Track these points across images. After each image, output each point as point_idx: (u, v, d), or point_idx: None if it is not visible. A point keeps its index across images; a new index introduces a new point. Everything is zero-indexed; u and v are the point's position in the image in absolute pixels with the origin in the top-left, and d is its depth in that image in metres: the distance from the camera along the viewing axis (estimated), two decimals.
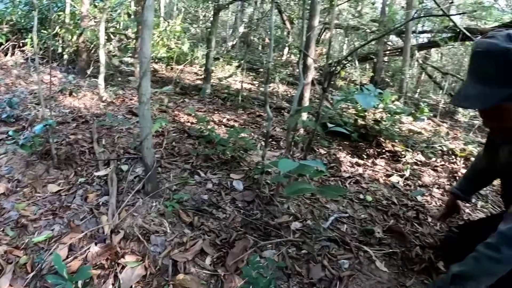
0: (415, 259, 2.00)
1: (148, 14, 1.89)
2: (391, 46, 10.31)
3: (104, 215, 1.87)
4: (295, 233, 2.00)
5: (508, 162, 1.62)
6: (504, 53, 1.21)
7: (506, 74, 1.23)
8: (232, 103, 4.68)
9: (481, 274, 1.38)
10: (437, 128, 5.23)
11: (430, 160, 3.68)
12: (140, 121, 1.99)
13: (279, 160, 1.49)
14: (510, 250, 1.31)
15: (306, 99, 3.13)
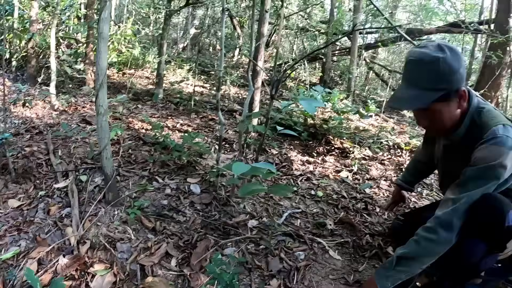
0: (366, 246, 2.18)
1: (104, 26, 1.90)
2: (340, 46, 10.67)
3: (68, 227, 1.89)
4: (253, 231, 2.12)
5: (442, 156, 1.83)
6: (434, 62, 1.41)
7: (435, 80, 1.43)
8: (185, 108, 4.71)
9: (422, 255, 1.52)
10: (384, 123, 5.50)
11: (377, 155, 3.91)
12: (98, 132, 2.02)
13: (232, 163, 1.59)
14: (445, 232, 1.48)
15: (256, 103, 3.24)
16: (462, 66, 1.46)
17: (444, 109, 1.51)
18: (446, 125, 1.58)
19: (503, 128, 1.48)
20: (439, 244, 1.50)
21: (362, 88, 9.38)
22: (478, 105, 1.59)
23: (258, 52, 3.28)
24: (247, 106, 2.37)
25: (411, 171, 2.29)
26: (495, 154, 1.44)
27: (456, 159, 1.69)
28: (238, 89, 6.67)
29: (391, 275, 1.57)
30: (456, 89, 1.47)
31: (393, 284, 1.57)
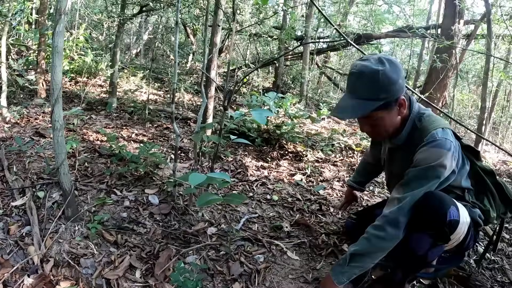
0: (322, 245, 2.31)
1: (59, 39, 1.88)
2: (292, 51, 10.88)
3: (30, 246, 1.88)
4: (212, 237, 2.20)
5: (387, 158, 1.99)
6: (374, 74, 1.55)
7: (375, 90, 1.57)
8: (139, 117, 4.68)
9: (373, 251, 1.66)
10: (335, 126, 5.70)
11: (329, 157, 4.07)
12: (54, 147, 2.01)
13: (189, 174, 1.66)
14: (393, 229, 1.62)
15: (210, 111, 3.30)
16: (401, 77, 1.60)
17: (385, 117, 1.66)
18: (388, 131, 1.74)
19: (442, 131, 1.65)
20: (388, 241, 1.64)
21: (314, 92, 9.64)
22: (418, 111, 1.75)
23: (211, 62, 3.34)
24: (201, 116, 2.43)
25: (361, 172, 2.46)
26: (435, 155, 1.60)
27: (399, 161, 1.85)
28: (192, 96, 6.68)
29: (346, 271, 1.69)
30: (396, 98, 1.62)
31: (349, 279, 1.70)
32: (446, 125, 1.70)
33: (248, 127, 4.07)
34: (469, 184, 1.86)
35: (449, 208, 1.59)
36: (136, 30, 11.80)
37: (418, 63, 12.09)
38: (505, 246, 2.71)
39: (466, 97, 13.01)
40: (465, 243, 1.76)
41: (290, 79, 10.05)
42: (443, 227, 1.59)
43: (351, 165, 3.99)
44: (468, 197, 1.83)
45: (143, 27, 10.88)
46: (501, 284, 2.26)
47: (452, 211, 1.59)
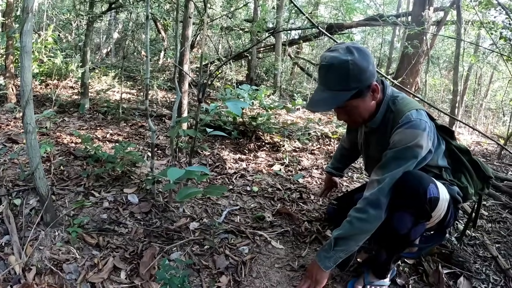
0: (305, 233, 2.34)
1: (26, 39, 1.83)
2: (264, 43, 10.89)
3: (11, 255, 1.83)
4: (195, 232, 2.19)
5: (364, 142, 2.03)
6: (343, 65, 1.58)
7: (346, 81, 1.60)
8: (113, 117, 4.62)
9: (356, 233, 1.69)
10: (311, 115, 5.74)
11: (306, 146, 4.11)
12: (28, 151, 1.96)
13: (167, 169, 1.65)
14: (374, 211, 1.66)
15: (185, 106, 3.27)
16: (371, 63, 1.63)
17: (359, 104, 1.70)
18: (364, 117, 1.78)
19: (416, 112, 1.69)
20: (370, 222, 1.67)
21: (288, 83, 9.67)
22: (392, 94, 1.79)
23: (183, 56, 3.31)
24: (175, 112, 2.41)
25: (338, 158, 2.50)
26: (411, 136, 1.64)
27: (376, 144, 1.90)
28: (165, 92, 6.63)
29: (331, 256, 1.73)
30: (368, 85, 1.65)
31: (335, 263, 1.74)
32: (419, 106, 1.74)
33: (224, 120, 4.06)
34: (446, 163, 1.91)
35: (429, 185, 1.63)
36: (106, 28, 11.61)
37: (390, 51, 12.29)
38: (484, 222, 2.79)
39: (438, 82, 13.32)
40: (446, 220, 1.82)
41: (263, 72, 10.06)
42: (424, 205, 1.63)
43: (329, 152, 4.03)
44: (445, 175, 1.88)
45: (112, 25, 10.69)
46: (484, 259, 2.34)
47: (431, 188, 1.63)
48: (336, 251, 1.73)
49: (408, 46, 6.73)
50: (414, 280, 2.07)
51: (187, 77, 3.33)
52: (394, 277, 2.03)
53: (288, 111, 4.22)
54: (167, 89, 6.78)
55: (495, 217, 2.94)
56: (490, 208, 3.11)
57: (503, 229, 2.78)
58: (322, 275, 1.78)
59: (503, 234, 2.69)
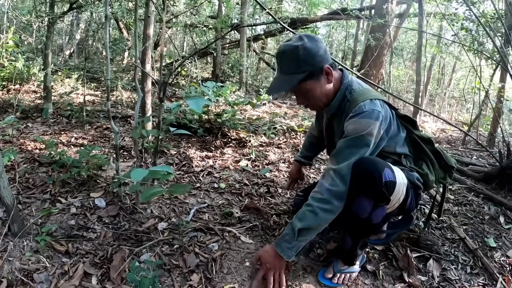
0: (274, 226, 2.40)
1: None
2: (229, 39, 10.89)
3: None
4: (164, 233, 2.22)
5: (325, 128, 2.12)
6: (294, 50, 1.74)
7: (297, 64, 1.75)
8: (77, 120, 4.55)
9: (320, 223, 1.78)
10: (277, 110, 5.80)
11: (273, 140, 4.17)
12: None
13: (131, 170, 1.67)
14: (339, 202, 1.75)
15: (149, 106, 3.26)
16: (322, 48, 1.78)
17: (314, 86, 1.82)
18: (321, 100, 1.88)
19: (370, 102, 1.78)
20: (335, 213, 1.76)
21: (254, 78, 9.71)
22: (349, 84, 1.89)
23: (145, 55, 3.29)
24: (138, 112, 2.41)
25: (307, 147, 2.58)
26: (364, 125, 1.73)
27: (336, 130, 2.00)
28: (130, 93, 6.56)
29: (293, 246, 1.80)
30: (320, 68, 1.78)
31: (296, 252, 1.83)
32: (376, 96, 1.83)
33: (189, 118, 4.07)
34: (406, 150, 2.01)
35: (383, 170, 1.71)
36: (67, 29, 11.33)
37: (354, 44, 12.52)
38: (451, 206, 2.92)
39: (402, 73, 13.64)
40: (407, 204, 1.91)
41: (229, 68, 10.06)
42: (380, 188, 1.70)
43: (295, 146, 4.10)
44: (405, 162, 1.97)
45: (74, 25, 10.45)
46: (452, 241, 2.46)
47: (386, 172, 1.71)
48: (299, 241, 1.79)
49: (371, 39, 6.89)
50: (384, 266, 2.15)
51: (149, 78, 3.32)
52: (364, 263, 2.11)
53: (253, 107, 4.27)
54: (132, 90, 6.70)
55: (461, 200, 3.07)
56: (456, 192, 3.24)
57: (470, 211, 2.91)
58: (283, 262, 1.84)
59: (469, 216, 2.83)
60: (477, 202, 3.07)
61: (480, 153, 4.82)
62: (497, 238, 2.59)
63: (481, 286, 2.11)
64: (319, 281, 2.00)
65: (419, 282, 2.03)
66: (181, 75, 7.77)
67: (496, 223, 2.80)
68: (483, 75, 5.91)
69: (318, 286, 1.98)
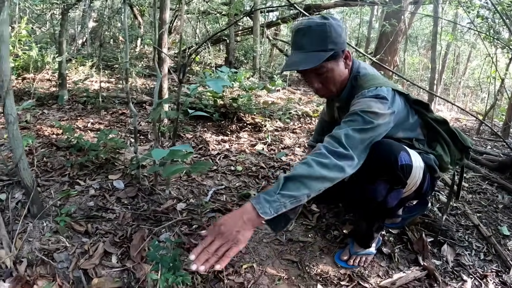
0: None
1: (3, 28, 1.80)
2: (242, 26, 10.83)
3: (0, 250, 1.82)
4: (182, 213, 2.23)
5: (338, 117, 2.07)
6: (321, 26, 1.64)
7: (323, 41, 1.65)
8: (93, 106, 4.58)
9: (312, 177, 1.42)
10: (291, 96, 5.77)
11: (288, 125, 4.15)
12: (10, 142, 1.95)
13: (151, 150, 1.66)
14: (336, 159, 1.48)
15: (165, 90, 3.27)
16: (344, 31, 1.70)
17: (335, 68, 1.73)
18: (336, 84, 1.80)
19: (374, 89, 1.69)
20: (330, 169, 1.46)
21: (267, 65, 9.66)
22: (357, 70, 1.83)
23: (161, 40, 3.30)
24: (156, 94, 2.41)
25: (319, 131, 2.53)
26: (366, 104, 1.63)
27: None
28: (144, 80, 6.58)
29: (275, 200, 1.37)
30: (342, 50, 1.71)
31: (276, 212, 1.38)
32: (383, 83, 1.74)
33: (205, 103, 4.07)
34: (418, 134, 1.95)
35: (400, 153, 1.66)
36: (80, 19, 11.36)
37: (368, 31, 12.38)
38: (465, 193, 2.89)
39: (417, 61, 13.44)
40: (423, 188, 1.86)
41: (242, 55, 10.02)
42: (396, 172, 1.66)
43: (310, 131, 4.08)
44: (418, 145, 1.92)
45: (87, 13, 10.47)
46: (466, 227, 2.43)
47: (402, 156, 1.66)
48: (282, 195, 1.37)
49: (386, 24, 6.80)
50: (399, 249, 2.14)
51: (166, 61, 3.32)
52: (379, 246, 2.10)
53: (268, 92, 4.26)
54: (146, 76, 6.72)
55: (476, 188, 3.03)
56: (470, 180, 3.21)
57: (484, 199, 2.87)
58: (247, 231, 1.39)
59: (483, 204, 2.79)
60: (491, 191, 3.03)
61: (495, 143, 4.76)
62: (510, 226, 2.55)
63: (494, 272, 2.08)
64: (336, 262, 2.00)
65: (434, 266, 2.02)
66: (195, 61, 7.77)
67: (510, 212, 2.76)
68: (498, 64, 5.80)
69: (335, 267, 1.98)
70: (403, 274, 1.96)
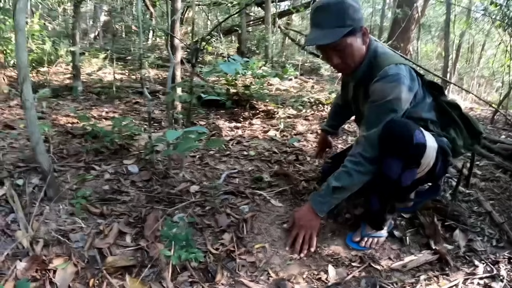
0: (303, 191, 2.40)
1: (20, 17, 1.83)
2: (253, 17, 10.79)
3: (18, 231, 1.85)
4: (196, 195, 2.25)
5: (352, 96, 2.08)
6: (339, 3, 1.68)
7: (343, 17, 1.69)
8: (107, 96, 4.63)
9: (354, 185, 1.84)
10: (304, 84, 5.76)
11: (300, 112, 4.15)
12: (28, 127, 1.99)
13: (165, 132, 1.69)
14: (371, 166, 1.77)
15: (178, 78, 3.29)
16: (361, 9, 1.74)
17: (353, 43, 1.76)
18: (355, 60, 1.82)
19: (395, 67, 1.74)
20: (368, 175, 1.81)
21: (279, 55, 9.59)
22: (375, 49, 1.84)
23: (173, 28, 3.32)
24: (170, 79, 2.43)
25: (332, 116, 2.55)
26: (389, 89, 1.71)
27: (363, 99, 1.94)
28: (157, 70, 6.62)
29: (327, 201, 1.88)
30: (360, 26, 1.74)
31: (328, 209, 1.91)
32: (401, 61, 1.78)
33: (218, 92, 4.08)
34: (433, 116, 1.95)
35: (414, 131, 1.68)
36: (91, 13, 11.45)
37: (381, 19, 12.23)
38: (478, 181, 2.85)
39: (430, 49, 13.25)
40: (436, 170, 1.86)
41: (254, 45, 9.98)
42: (411, 150, 1.68)
43: (323, 118, 4.07)
44: (432, 127, 1.92)
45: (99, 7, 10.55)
46: (478, 214, 2.40)
47: (417, 134, 1.68)
48: (333, 198, 1.87)
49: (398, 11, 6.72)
50: (411, 233, 2.14)
51: (179, 49, 3.35)
52: (391, 230, 2.10)
53: (280, 79, 4.26)
54: (159, 66, 6.76)
55: (488, 176, 3.00)
56: (483, 168, 3.17)
57: (497, 187, 2.84)
58: (316, 220, 1.92)
59: (496, 191, 2.76)
60: (504, 179, 2.99)
61: (509, 133, 4.68)
62: None
63: (506, 259, 2.07)
64: (347, 244, 2.01)
65: (445, 250, 2.01)
66: (207, 52, 7.78)
67: None
68: None
69: (346, 248, 1.99)
70: (414, 258, 1.96)
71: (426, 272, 1.89)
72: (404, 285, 1.80)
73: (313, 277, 1.79)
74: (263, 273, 1.77)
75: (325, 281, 1.76)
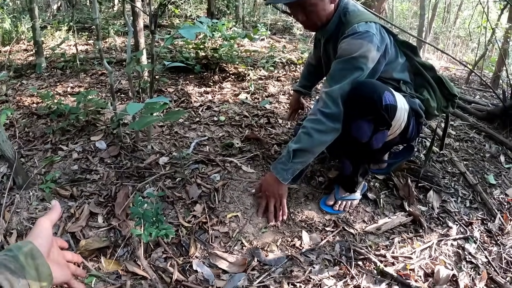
0: (275, 155, 2.38)
1: None
2: None
3: None
4: (165, 167, 2.22)
5: (323, 54, 2.04)
6: None
7: None
8: (72, 70, 4.47)
9: (315, 145, 1.75)
10: (275, 44, 5.64)
11: (272, 73, 4.07)
12: None
13: (126, 105, 1.63)
14: (331, 123, 1.69)
15: (142, 45, 3.18)
16: None
17: (318, 3, 1.70)
18: (321, 19, 1.78)
19: (365, 24, 1.69)
20: (328, 133, 1.73)
21: (251, 14, 9.37)
22: (345, 6, 1.79)
23: None
24: (129, 48, 2.33)
25: (305, 76, 2.50)
26: (356, 46, 1.66)
27: (331, 55, 1.91)
28: (124, 38, 6.40)
29: (289, 168, 1.79)
30: None
31: (293, 175, 1.81)
32: (372, 19, 1.73)
33: (186, 56, 3.97)
34: (406, 77, 1.93)
35: (383, 93, 1.65)
36: None
37: None
38: (452, 141, 2.88)
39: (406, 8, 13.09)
40: (408, 132, 1.86)
41: (225, 5, 9.71)
42: (380, 111, 1.66)
43: (295, 78, 4.01)
44: (405, 88, 1.90)
45: None
46: (452, 174, 2.44)
47: (386, 96, 1.66)
48: (294, 163, 1.78)
49: None
50: (385, 195, 2.16)
51: (140, 15, 3.21)
52: (365, 192, 2.11)
53: (250, 40, 4.13)
54: (125, 35, 6.53)
55: (463, 137, 3.03)
56: (457, 128, 3.19)
57: (471, 147, 2.87)
58: (282, 188, 1.85)
59: (470, 152, 2.79)
60: (478, 140, 3.03)
61: (484, 93, 4.72)
62: (497, 176, 2.57)
63: (480, 220, 2.11)
64: (321, 208, 2.02)
65: (419, 212, 2.05)
66: (174, 15, 7.54)
67: (497, 161, 2.78)
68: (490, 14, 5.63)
69: (320, 213, 2.00)
70: (388, 220, 1.99)
71: (400, 234, 1.93)
72: (378, 248, 1.83)
73: (287, 244, 1.81)
74: (236, 243, 1.78)
75: (299, 247, 1.78)
